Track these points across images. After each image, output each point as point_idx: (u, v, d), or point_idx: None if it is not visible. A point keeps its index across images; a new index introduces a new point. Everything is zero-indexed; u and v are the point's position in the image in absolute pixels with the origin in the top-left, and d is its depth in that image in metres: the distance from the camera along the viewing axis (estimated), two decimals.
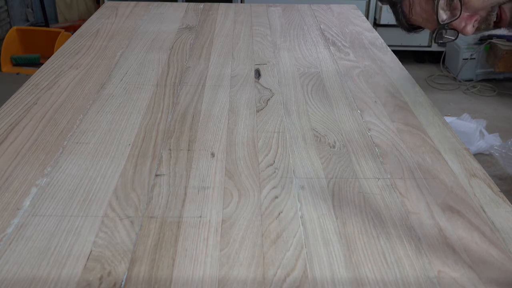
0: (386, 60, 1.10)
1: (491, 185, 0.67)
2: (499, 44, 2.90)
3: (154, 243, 0.56)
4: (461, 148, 0.76)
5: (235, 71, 1.02)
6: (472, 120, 2.44)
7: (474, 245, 0.57)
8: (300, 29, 1.31)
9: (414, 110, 0.87)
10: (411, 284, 0.51)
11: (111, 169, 0.69)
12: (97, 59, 1.06)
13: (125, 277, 0.51)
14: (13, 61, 3.29)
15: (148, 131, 0.78)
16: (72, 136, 0.76)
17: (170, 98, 0.89)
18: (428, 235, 0.58)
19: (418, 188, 0.66)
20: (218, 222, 0.59)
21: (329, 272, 0.52)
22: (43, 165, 0.69)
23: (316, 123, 0.82)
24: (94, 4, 4.08)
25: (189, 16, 1.39)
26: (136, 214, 0.60)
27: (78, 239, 0.56)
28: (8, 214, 0.60)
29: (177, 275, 0.51)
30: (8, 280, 0.50)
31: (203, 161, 0.71)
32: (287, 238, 0.57)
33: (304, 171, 0.69)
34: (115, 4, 1.48)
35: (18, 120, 0.80)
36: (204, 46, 1.15)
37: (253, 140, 0.77)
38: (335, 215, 0.61)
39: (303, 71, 1.03)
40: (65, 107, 0.85)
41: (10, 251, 0.54)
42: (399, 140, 0.78)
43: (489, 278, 0.52)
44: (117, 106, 0.86)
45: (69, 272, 0.51)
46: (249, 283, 0.51)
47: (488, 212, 0.62)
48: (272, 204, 0.62)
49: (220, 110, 0.85)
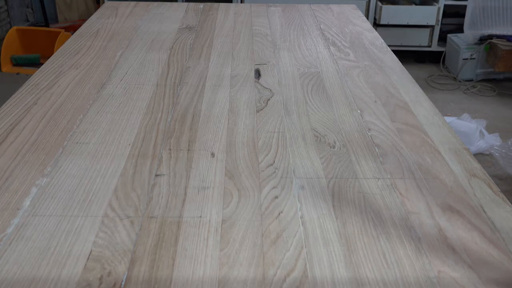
0: (386, 60, 1.10)
1: (491, 185, 0.67)
2: (499, 44, 2.90)
3: (154, 243, 0.56)
4: (461, 148, 0.76)
5: (235, 71, 1.02)
6: (472, 120, 2.44)
7: (474, 245, 0.57)
8: (300, 29, 1.31)
9: (414, 110, 0.87)
10: (411, 284, 0.51)
11: (111, 169, 0.69)
12: (97, 59, 1.06)
13: (125, 277, 0.51)
14: (13, 61, 3.29)
15: (148, 131, 0.78)
16: (72, 136, 0.76)
17: (170, 98, 0.89)
18: (428, 235, 0.58)
19: (418, 188, 0.66)
20: (218, 222, 0.59)
21: (329, 272, 0.52)
22: (43, 165, 0.69)
23: (316, 123, 0.82)
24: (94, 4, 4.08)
25: (189, 16, 1.39)
26: (136, 214, 0.60)
27: (78, 239, 0.56)
28: (8, 214, 0.59)
29: (177, 275, 0.51)
30: (8, 280, 0.50)
31: (203, 161, 0.71)
32: (287, 238, 0.57)
33: (304, 171, 0.69)
34: (115, 4, 1.48)
35: (18, 120, 0.80)
36: (204, 46, 1.15)
37: (253, 140, 0.77)
38: (335, 215, 0.61)
39: (303, 71, 1.03)
40: (65, 107, 0.85)
41: (10, 251, 0.54)
42: (399, 140, 0.78)
43: (489, 278, 0.52)
44: (117, 106, 0.86)
45: (69, 272, 0.51)
46: (249, 283, 0.51)
47: (488, 212, 0.62)
48: (272, 204, 0.62)
49: (220, 110, 0.85)
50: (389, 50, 1.16)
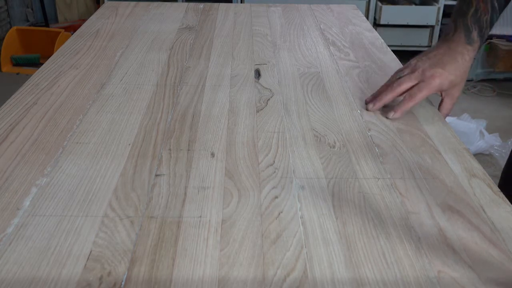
0: (386, 60, 1.10)
1: (491, 185, 0.67)
2: (499, 44, 2.90)
3: (154, 243, 0.56)
4: (461, 148, 0.76)
5: (235, 71, 1.02)
6: (472, 120, 2.45)
7: (474, 245, 0.57)
8: (300, 29, 1.31)
9: (414, 110, 0.87)
10: (411, 284, 0.51)
11: (111, 169, 0.69)
12: (97, 59, 1.06)
13: (125, 277, 0.51)
14: (13, 61, 3.29)
15: (148, 131, 0.78)
16: (72, 136, 0.76)
17: (170, 98, 0.89)
18: (428, 235, 0.58)
19: (418, 188, 0.66)
20: (218, 222, 0.59)
21: (329, 272, 0.52)
22: (43, 165, 0.69)
23: (316, 123, 0.82)
24: (94, 4, 4.08)
25: (189, 16, 1.39)
26: (136, 214, 0.60)
27: (78, 239, 0.56)
28: (8, 214, 0.60)
29: (177, 275, 0.51)
30: (8, 280, 0.50)
31: (203, 161, 0.71)
32: (287, 238, 0.57)
33: (304, 171, 0.69)
34: (115, 4, 1.48)
35: (18, 120, 0.80)
36: (204, 46, 1.15)
37: (253, 140, 0.77)
38: (335, 215, 0.61)
39: (303, 71, 1.03)
40: (65, 107, 0.85)
41: (10, 251, 0.54)
42: (399, 140, 0.78)
43: (489, 278, 0.52)
44: (117, 106, 0.86)
45: (69, 272, 0.51)
46: (249, 283, 0.51)
47: (488, 212, 0.62)
48: (272, 204, 0.62)
49: (220, 110, 0.86)
50: (389, 50, 1.16)
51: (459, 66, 0.84)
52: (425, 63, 0.84)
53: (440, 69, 0.82)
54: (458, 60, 0.84)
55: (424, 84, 0.82)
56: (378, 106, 0.86)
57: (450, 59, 0.84)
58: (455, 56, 0.84)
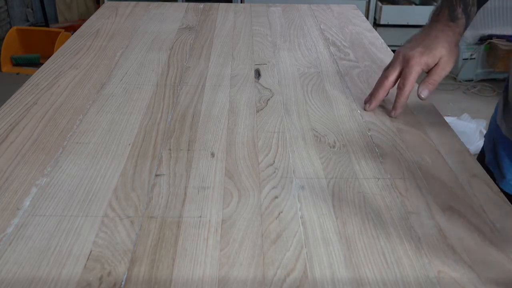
0: (386, 60, 1.10)
1: (491, 185, 0.67)
2: (499, 44, 2.90)
3: (154, 243, 0.56)
4: (461, 148, 0.76)
5: (235, 71, 1.02)
6: (472, 120, 2.44)
7: (474, 245, 0.57)
8: (300, 29, 1.31)
9: (414, 110, 0.87)
10: (411, 284, 0.51)
11: (111, 169, 0.69)
12: (97, 59, 1.06)
13: (125, 277, 0.51)
14: (13, 61, 3.29)
15: (148, 131, 0.78)
16: (72, 136, 0.76)
17: (170, 98, 0.89)
18: (428, 235, 0.58)
19: (418, 188, 0.66)
20: (218, 222, 0.59)
21: (329, 272, 0.52)
22: (43, 165, 0.69)
23: (316, 123, 0.82)
24: (94, 4, 4.08)
25: (189, 16, 1.39)
26: (136, 214, 0.60)
27: (78, 239, 0.56)
28: (8, 214, 0.60)
29: (177, 275, 0.51)
30: (8, 280, 0.50)
31: (203, 161, 0.71)
32: (287, 238, 0.57)
33: (304, 171, 0.69)
34: (115, 4, 1.48)
35: (18, 120, 0.80)
36: (204, 46, 1.15)
37: (253, 140, 0.77)
38: (335, 215, 0.61)
39: (303, 71, 1.03)
40: (65, 107, 0.85)
41: (10, 251, 0.54)
42: (399, 140, 0.78)
43: (489, 278, 0.52)
44: (117, 106, 0.86)
45: (69, 272, 0.51)
46: (249, 283, 0.51)
47: (488, 212, 0.62)
48: (272, 204, 0.62)
49: (220, 110, 0.86)
50: (389, 50, 1.16)
51: (441, 41, 0.83)
52: (406, 49, 0.84)
53: (419, 48, 0.82)
54: (439, 36, 0.83)
55: (407, 70, 0.82)
56: (374, 105, 0.86)
57: (431, 37, 0.83)
58: (436, 34, 0.83)
